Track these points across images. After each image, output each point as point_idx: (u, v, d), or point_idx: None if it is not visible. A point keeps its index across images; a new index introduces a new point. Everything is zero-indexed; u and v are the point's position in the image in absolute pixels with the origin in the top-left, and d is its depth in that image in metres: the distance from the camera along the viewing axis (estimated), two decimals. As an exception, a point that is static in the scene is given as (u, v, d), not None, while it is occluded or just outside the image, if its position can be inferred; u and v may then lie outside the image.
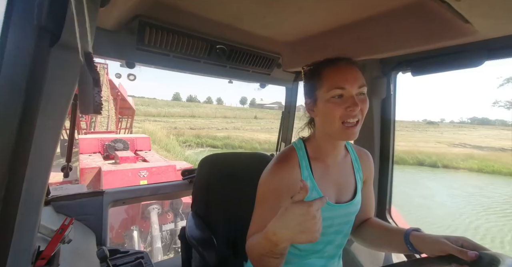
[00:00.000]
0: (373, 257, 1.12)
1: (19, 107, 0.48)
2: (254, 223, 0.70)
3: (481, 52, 0.81)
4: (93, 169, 4.60)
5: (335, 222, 0.74)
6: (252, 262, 0.65)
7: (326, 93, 0.67)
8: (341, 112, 0.66)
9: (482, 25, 0.71)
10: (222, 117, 35.77)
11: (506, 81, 20.54)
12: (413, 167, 15.93)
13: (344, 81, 0.66)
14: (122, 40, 0.98)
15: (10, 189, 0.48)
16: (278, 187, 0.69)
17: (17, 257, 0.54)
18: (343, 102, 0.66)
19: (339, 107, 0.66)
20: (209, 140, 20.31)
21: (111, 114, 9.09)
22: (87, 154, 5.60)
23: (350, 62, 0.70)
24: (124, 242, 3.90)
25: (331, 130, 0.70)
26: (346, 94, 0.67)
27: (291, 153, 0.75)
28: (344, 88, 0.66)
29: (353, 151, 0.84)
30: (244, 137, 21.81)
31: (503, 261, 0.48)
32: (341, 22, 1.01)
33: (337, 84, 0.66)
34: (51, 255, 0.65)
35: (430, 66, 0.95)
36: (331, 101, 0.67)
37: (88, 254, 0.94)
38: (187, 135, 20.85)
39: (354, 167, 0.81)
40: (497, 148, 21.30)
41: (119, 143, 5.90)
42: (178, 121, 28.11)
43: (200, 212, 1.09)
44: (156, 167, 4.58)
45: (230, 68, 1.30)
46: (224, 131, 24.37)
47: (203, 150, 17.50)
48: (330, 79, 0.68)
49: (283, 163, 0.72)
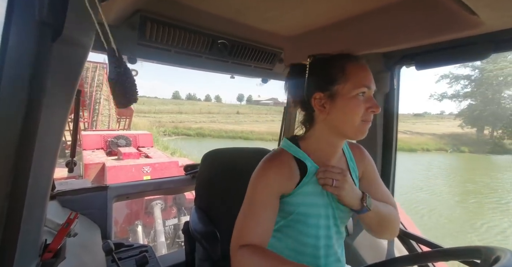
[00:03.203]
0: (375, 251, 1.13)
1: (23, 103, 0.48)
2: (245, 226, 0.66)
3: (488, 44, 0.80)
4: (97, 164, 4.65)
5: (337, 222, 0.73)
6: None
7: (353, 90, 0.64)
8: (363, 111, 0.65)
9: (489, 16, 0.69)
10: (206, 113, 39.67)
11: (441, 77, 22.89)
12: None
13: (368, 80, 0.66)
14: (123, 35, 0.98)
15: (16, 184, 0.49)
16: (268, 183, 0.67)
17: (25, 250, 0.55)
18: (365, 102, 0.66)
19: (362, 105, 0.65)
20: (184, 130, 25.70)
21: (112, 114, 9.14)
22: (90, 150, 5.65)
23: (363, 61, 0.69)
24: (128, 236, 3.96)
25: (348, 128, 0.67)
26: (368, 93, 0.66)
27: (280, 151, 0.72)
28: (369, 88, 0.65)
29: (348, 150, 0.81)
30: (215, 128, 27.40)
31: (505, 256, 0.48)
32: (343, 15, 0.99)
33: (364, 82, 0.65)
34: (57, 248, 0.66)
35: (434, 59, 0.94)
36: (357, 98, 0.65)
37: (94, 247, 0.95)
38: (167, 126, 25.57)
39: (349, 167, 0.78)
40: (425, 133, 24.42)
41: (122, 139, 5.94)
42: (164, 116, 32.32)
43: (203, 207, 1.10)
44: (159, 163, 4.63)
45: (232, 63, 1.29)
46: (201, 124, 29.61)
47: (178, 137, 22.73)
48: (357, 75, 0.65)
49: (274, 160, 0.70)
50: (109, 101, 9.01)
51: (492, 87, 18.19)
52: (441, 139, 21.53)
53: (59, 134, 0.60)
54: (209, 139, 24.34)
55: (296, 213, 0.69)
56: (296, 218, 0.70)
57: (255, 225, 0.65)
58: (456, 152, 19.14)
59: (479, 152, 17.44)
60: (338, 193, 0.65)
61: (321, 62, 0.69)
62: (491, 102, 18.44)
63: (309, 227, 0.70)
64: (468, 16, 0.71)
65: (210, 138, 24.85)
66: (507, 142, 17.72)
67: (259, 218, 0.65)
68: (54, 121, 0.56)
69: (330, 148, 0.72)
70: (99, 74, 9.15)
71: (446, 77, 21.04)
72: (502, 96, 18.00)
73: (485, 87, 18.51)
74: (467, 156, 17.28)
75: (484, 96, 18.96)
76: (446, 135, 22.50)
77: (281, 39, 1.26)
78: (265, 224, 0.65)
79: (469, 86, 19.99)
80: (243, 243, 0.63)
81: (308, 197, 0.69)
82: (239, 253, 0.62)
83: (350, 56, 0.68)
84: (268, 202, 0.66)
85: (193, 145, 17.45)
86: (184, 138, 23.40)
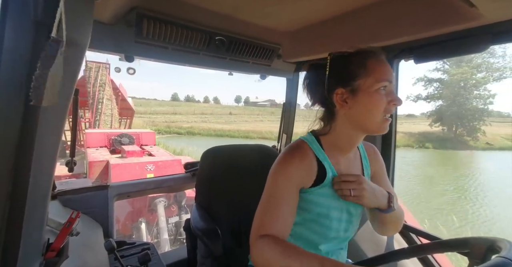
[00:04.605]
0: (375, 244, 1.14)
1: (20, 103, 0.48)
2: (266, 217, 0.65)
3: (486, 37, 0.79)
4: (101, 162, 4.69)
5: (351, 218, 0.75)
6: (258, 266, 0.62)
7: (375, 84, 0.65)
8: (385, 105, 0.65)
9: (488, 8, 0.68)
10: (200, 114, 42.35)
11: (417, 80, 24.98)
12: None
13: (389, 74, 0.66)
14: (120, 33, 0.97)
15: (16, 184, 0.49)
16: (288, 175, 0.67)
17: (28, 249, 0.56)
18: (387, 95, 0.66)
19: (385, 99, 0.65)
20: (176, 129, 28.76)
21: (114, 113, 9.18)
22: (94, 148, 5.69)
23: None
24: (132, 233, 4.01)
25: (370, 123, 0.67)
26: (389, 87, 0.67)
27: (302, 145, 0.72)
28: (391, 81, 0.66)
29: (362, 148, 0.82)
30: (205, 127, 29.98)
31: (505, 247, 0.48)
32: (341, 10, 0.98)
33: (385, 76, 0.65)
34: (60, 247, 0.67)
35: (433, 52, 0.93)
36: (379, 92, 0.65)
37: (96, 246, 0.96)
38: (160, 126, 28.64)
39: (363, 165, 0.79)
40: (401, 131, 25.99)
41: (125, 138, 5.98)
42: (159, 117, 35.77)
43: (203, 204, 1.10)
44: (162, 161, 4.68)
45: (230, 60, 1.28)
46: (193, 123, 32.56)
47: (169, 135, 25.29)
48: (378, 70, 0.66)
49: (294, 153, 0.70)
50: (112, 101, 9.04)
51: (454, 90, 20.51)
52: (411, 137, 22.88)
53: (58, 133, 0.60)
54: (199, 137, 26.33)
55: (311, 213, 0.71)
56: (310, 218, 0.71)
57: (276, 218, 0.64)
58: (422, 148, 20.77)
59: (441, 148, 19.44)
60: (359, 202, 0.67)
61: (342, 58, 0.70)
62: (453, 103, 20.79)
63: (322, 227, 0.71)
64: (466, 8, 0.70)
65: (200, 136, 26.98)
66: (467, 138, 20.04)
67: (280, 211, 0.65)
68: (53, 120, 0.57)
69: (350, 144, 0.73)
70: (102, 74, 9.19)
71: (421, 80, 22.97)
72: (462, 98, 20.36)
73: (449, 90, 20.87)
74: (430, 151, 19.26)
75: (448, 98, 21.37)
76: (416, 133, 23.78)
77: (279, 35, 1.25)
78: (286, 217, 0.65)
79: (439, 88, 22.27)
80: (263, 233, 0.63)
81: (325, 199, 0.70)
82: (258, 243, 0.62)
83: (371, 52, 0.68)
84: (289, 195, 0.66)
85: (182, 141, 18.87)
86: (175, 136, 25.83)
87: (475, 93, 20.65)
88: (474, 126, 20.27)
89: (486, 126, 20.40)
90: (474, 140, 19.94)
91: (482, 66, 20.65)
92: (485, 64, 20.50)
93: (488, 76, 20.44)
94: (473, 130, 20.24)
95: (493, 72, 20.40)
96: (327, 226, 0.71)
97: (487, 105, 20.55)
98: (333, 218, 0.71)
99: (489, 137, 20.68)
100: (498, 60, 20.72)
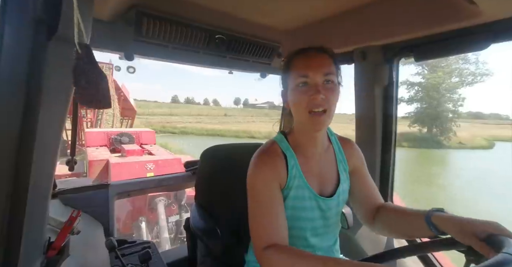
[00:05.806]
0: (375, 243, 1.14)
1: (20, 102, 0.48)
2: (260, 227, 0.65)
3: (487, 35, 0.79)
4: (101, 161, 4.69)
5: (326, 214, 0.74)
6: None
7: (293, 82, 0.68)
8: (306, 101, 0.65)
9: (488, 6, 0.68)
10: (196, 115, 44.08)
11: (400, 84, 24.79)
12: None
13: (307, 68, 0.65)
14: (120, 31, 0.97)
15: (17, 183, 0.49)
16: (265, 176, 0.68)
17: (29, 248, 0.56)
18: (308, 90, 0.65)
19: (304, 95, 0.65)
20: (170, 129, 30.67)
21: (116, 113, 9.17)
22: (94, 147, 5.68)
23: (319, 50, 0.69)
24: (132, 232, 4.01)
25: (300, 121, 0.70)
26: (310, 82, 0.66)
27: (272, 145, 0.75)
28: (308, 76, 0.65)
29: (336, 142, 0.81)
30: (198, 127, 32.20)
31: (508, 244, 0.47)
32: (341, 8, 0.98)
33: (301, 72, 0.66)
34: (61, 246, 0.67)
35: (434, 50, 0.92)
36: (296, 89, 0.67)
37: (97, 244, 0.97)
38: (155, 126, 29.32)
39: (337, 158, 0.78)
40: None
41: (125, 137, 5.97)
42: (155, 118, 37.33)
43: (203, 203, 1.10)
44: (162, 159, 4.68)
45: (230, 58, 1.28)
46: (187, 124, 34.53)
47: (164, 134, 26.13)
48: (296, 67, 0.68)
49: (265, 153, 0.72)
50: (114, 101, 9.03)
51: (428, 93, 22.16)
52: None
53: (58, 132, 0.60)
54: (191, 136, 28.15)
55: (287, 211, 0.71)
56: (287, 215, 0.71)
57: (269, 224, 0.64)
58: (398, 146, 20.83)
59: (416, 147, 20.50)
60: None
61: (284, 61, 0.74)
62: (428, 106, 22.48)
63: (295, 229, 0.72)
64: (467, 6, 0.70)
65: (192, 135, 28.91)
66: (441, 138, 21.57)
67: (270, 216, 0.65)
68: (53, 119, 0.57)
69: (309, 140, 0.74)
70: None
71: (404, 83, 24.06)
72: (435, 100, 22.06)
73: (425, 93, 22.55)
74: (405, 149, 20.17)
75: (423, 100, 22.98)
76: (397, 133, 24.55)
77: (279, 33, 1.25)
78: (278, 220, 0.65)
79: (418, 92, 23.71)
80: (265, 245, 0.62)
81: (296, 201, 0.71)
82: (265, 256, 0.61)
83: (300, 50, 0.70)
84: (272, 197, 0.67)
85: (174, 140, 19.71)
86: (169, 135, 27.30)
87: (447, 96, 22.46)
88: (446, 127, 22.00)
89: (455, 127, 22.11)
90: (447, 139, 21.51)
91: (455, 71, 22.53)
92: (458, 70, 22.41)
93: (461, 81, 22.25)
94: (445, 131, 21.94)
95: (466, 77, 22.15)
96: (300, 226, 0.72)
97: (458, 107, 22.49)
98: (305, 218, 0.72)
99: (461, 136, 22.04)
100: (471, 66, 22.34)
